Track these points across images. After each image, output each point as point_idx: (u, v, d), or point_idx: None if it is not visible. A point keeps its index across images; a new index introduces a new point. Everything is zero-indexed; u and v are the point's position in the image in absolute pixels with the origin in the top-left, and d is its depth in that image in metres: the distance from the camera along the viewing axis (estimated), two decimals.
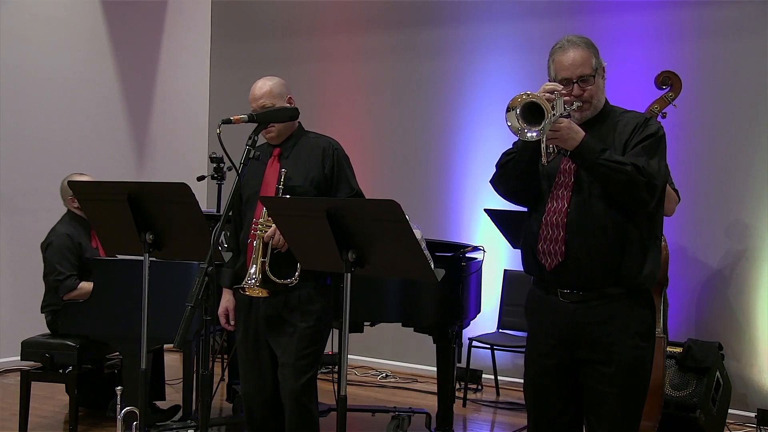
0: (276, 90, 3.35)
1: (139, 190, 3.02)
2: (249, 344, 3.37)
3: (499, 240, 5.13)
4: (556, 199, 2.74)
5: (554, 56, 2.79)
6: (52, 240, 4.58)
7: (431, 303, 4.32)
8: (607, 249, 2.65)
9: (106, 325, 4.22)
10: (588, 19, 5.76)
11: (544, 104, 2.53)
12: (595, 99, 2.76)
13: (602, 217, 2.66)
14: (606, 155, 2.61)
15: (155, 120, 7.22)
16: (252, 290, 3.16)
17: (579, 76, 2.72)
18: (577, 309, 2.71)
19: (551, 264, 2.71)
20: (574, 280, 2.70)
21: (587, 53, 2.74)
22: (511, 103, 2.58)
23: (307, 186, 3.31)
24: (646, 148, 2.67)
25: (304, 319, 3.28)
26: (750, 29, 5.30)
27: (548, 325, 2.78)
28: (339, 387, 2.74)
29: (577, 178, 2.71)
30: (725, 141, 5.36)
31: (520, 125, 2.57)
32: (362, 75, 6.72)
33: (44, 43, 6.26)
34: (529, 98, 2.56)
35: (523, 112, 2.56)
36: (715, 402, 4.66)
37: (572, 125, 2.63)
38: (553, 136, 2.61)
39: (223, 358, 5.28)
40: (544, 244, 2.73)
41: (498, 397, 5.76)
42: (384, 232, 2.63)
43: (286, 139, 3.40)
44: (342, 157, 3.41)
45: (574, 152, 2.63)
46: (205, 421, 2.91)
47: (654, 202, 2.65)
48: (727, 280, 5.31)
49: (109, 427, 4.59)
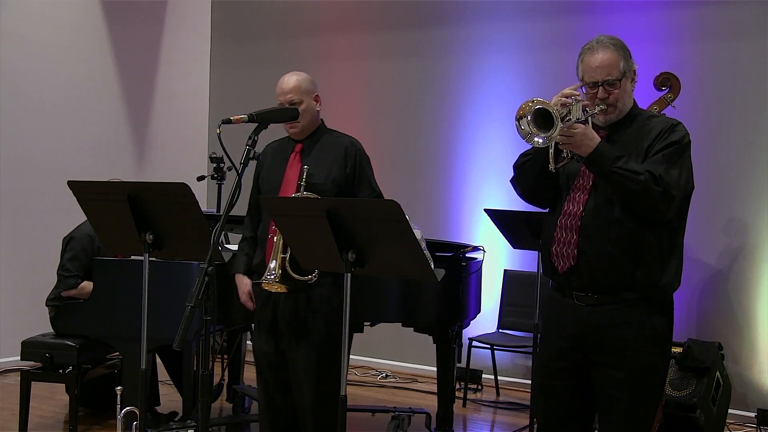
0: (304, 86, 3.34)
1: (139, 190, 3.01)
2: (263, 339, 3.34)
3: (499, 240, 5.12)
4: (572, 202, 2.71)
5: (583, 56, 2.75)
6: (74, 236, 4.60)
7: (431, 303, 4.32)
8: (620, 255, 2.61)
9: (106, 325, 4.21)
10: (588, 19, 5.76)
11: (552, 112, 2.51)
12: (620, 103, 2.71)
13: (617, 223, 2.62)
14: (620, 163, 2.56)
15: (155, 120, 7.22)
16: (271, 285, 3.14)
17: (605, 79, 2.68)
18: (591, 312, 2.68)
19: (563, 267, 2.69)
20: (587, 283, 2.67)
21: (616, 56, 2.70)
22: (520, 112, 2.56)
23: (329, 184, 3.28)
24: (668, 155, 2.61)
25: (324, 319, 3.24)
26: (750, 30, 5.29)
27: (561, 327, 2.75)
28: (339, 387, 2.75)
29: (595, 182, 2.68)
30: (725, 141, 5.36)
31: (530, 129, 2.55)
32: (362, 75, 6.72)
33: (44, 43, 6.26)
34: (537, 105, 2.54)
35: (535, 118, 2.54)
36: (715, 402, 4.66)
37: (587, 131, 2.59)
38: (567, 142, 2.58)
39: (223, 358, 5.28)
40: (557, 247, 2.71)
41: (498, 397, 5.76)
42: (384, 232, 2.63)
43: (309, 135, 3.38)
44: (364, 158, 3.40)
45: (588, 159, 2.60)
46: (205, 421, 2.91)
47: (670, 212, 2.59)
48: (727, 280, 5.31)
49: (109, 427, 4.59)
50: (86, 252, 4.57)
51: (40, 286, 4.67)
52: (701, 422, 4.53)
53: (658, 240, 2.63)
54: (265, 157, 3.45)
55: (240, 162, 2.93)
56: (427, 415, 4.71)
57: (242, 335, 5.19)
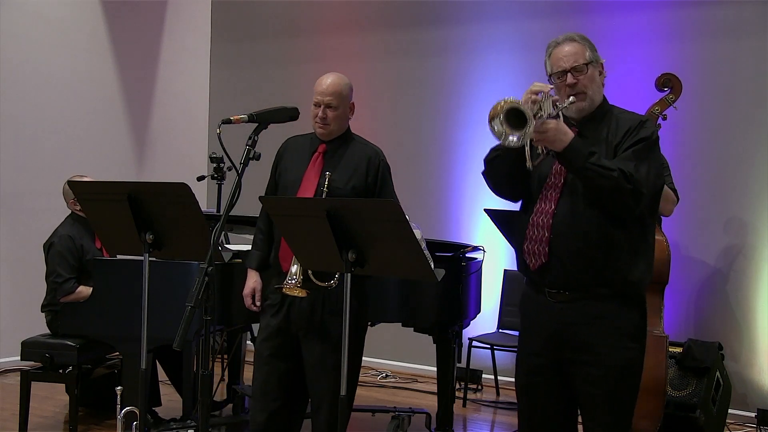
0: (345, 92, 3.33)
1: (139, 190, 3.01)
2: (273, 343, 3.30)
3: (499, 240, 5.12)
4: (544, 200, 2.75)
5: (550, 51, 2.80)
6: (54, 241, 4.58)
7: (431, 303, 4.32)
8: (591, 252, 2.65)
9: (106, 325, 4.21)
10: (588, 19, 5.76)
11: (525, 110, 2.51)
12: (590, 90, 2.74)
13: (588, 220, 2.66)
14: (594, 159, 2.59)
15: (155, 120, 7.23)
16: (292, 290, 3.11)
17: (572, 66, 2.72)
18: (564, 309, 2.71)
19: (535, 265, 2.73)
20: (559, 280, 2.70)
21: (581, 46, 2.76)
22: (492, 112, 2.56)
23: (348, 191, 3.26)
24: (637, 152, 2.65)
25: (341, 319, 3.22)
26: (750, 29, 5.30)
27: (537, 324, 2.79)
28: (339, 387, 2.75)
29: (567, 180, 2.71)
30: (725, 141, 5.36)
31: (503, 129, 2.55)
32: (362, 75, 6.71)
33: (44, 43, 6.26)
34: (508, 105, 2.54)
35: (508, 117, 2.54)
36: (715, 402, 4.66)
37: (560, 126, 2.62)
38: (540, 137, 2.61)
39: (223, 358, 5.28)
40: (529, 244, 2.74)
41: (498, 397, 5.76)
42: (384, 232, 2.64)
43: (335, 138, 3.37)
44: (386, 170, 3.38)
45: (561, 154, 2.63)
46: (205, 421, 2.91)
47: (639, 208, 2.63)
48: (727, 280, 5.31)
49: (109, 427, 4.59)
50: (71, 252, 4.56)
51: (41, 286, 4.67)
52: (701, 422, 4.53)
53: (628, 236, 2.67)
54: (286, 150, 3.45)
55: (240, 162, 2.93)
56: (427, 415, 4.71)
57: (242, 335, 5.19)
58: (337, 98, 3.30)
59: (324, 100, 3.29)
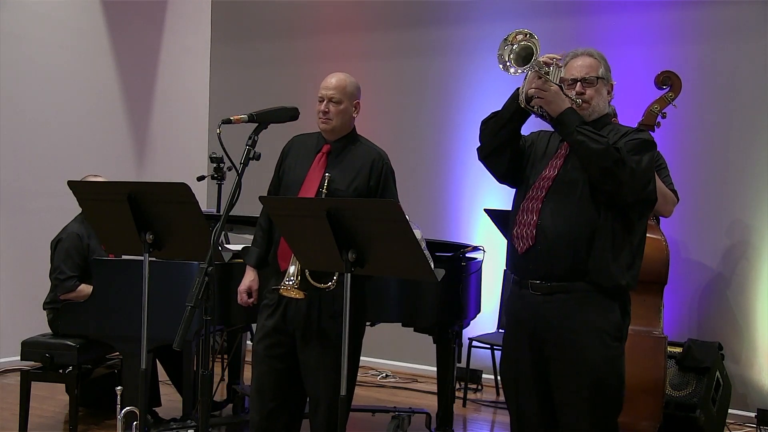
0: (349, 89, 3.34)
1: (139, 190, 3.01)
2: (269, 342, 3.30)
3: (499, 240, 5.11)
4: (537, 188, 2.83)
5: (567, 59, 2.90)
6: (62, 238, 4.59)
7: (431, 303, 4.32)
8: (576, 239, 2.72)
9: (106, 325, 4.21)
10: (588, 19, 5.77)
11: (536, 53, 2.63)
12: (594, 102, 2.85)
13: (576, 206, 2.74)
14: (587, 126, 2.71)
15: (155, 120, 7.23)
16: (289, 291, 3.11)
17: (584, 76, 2.84)
18: (544, 302, 2.77)
19: (522, 248, 2.80)
20: (542, 267, 2.76)
21: (597, 62, 2.88)
22: (511, 37, 2.71)
23: (349, 193, 3.25)
24: (630, 145, 2.74)
25: (341, 320, 3.21)
26: (750, 30, 5.29)
27: (520, 322, 2.85)
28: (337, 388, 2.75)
29: (562, 169, 2.80)
30: (725, 141, 5.36)
31: (508, 58, 2.70)
32: (362, 75, 6.63)
33: (44, 42, 6.26)
34: (526, 41, 2.67)
35: (519, 51, 2.68)
36: (715, 402, 4.66)
37: (560, 93, 2.74)
38: (540, 96, 2.72)
39: (223, 358, 5.28)
40: (518, 229, 2.83)
41: (498, 397, 5.76)
42: (384, 232, 2.64)
43: (339, 138, 3.36)
44: (389, 173, 3.38)
45: (557, 119, 2.74)
46: (205, 421, 2.91)
47: (628, 187, 2.66)
48: (727, 280, 5.31)
49: (109, 427, 4.59)
50: (78, 250, 4.56)
51: (41, 286, 4.67)
52: (701, 422, 4.53)
53: (612, 228, 2.73)
54: (291, 148, 3.46)
55: (240, 162, 2.93)
56: (427, 415, 4.71)
57: (242, 335, 5.19)
58: (340, 92, 3.30)
59: (327, 94, 3.31)
